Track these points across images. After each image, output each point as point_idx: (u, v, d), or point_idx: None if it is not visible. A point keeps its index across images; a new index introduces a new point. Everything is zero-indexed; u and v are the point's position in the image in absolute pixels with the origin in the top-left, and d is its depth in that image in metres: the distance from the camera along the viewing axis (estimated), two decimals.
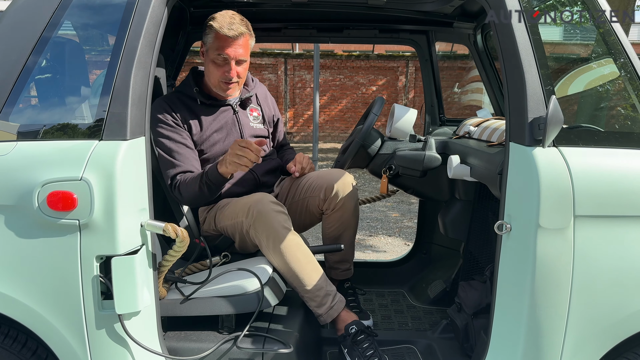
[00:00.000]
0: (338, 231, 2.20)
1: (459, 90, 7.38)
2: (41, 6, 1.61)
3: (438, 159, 2.29)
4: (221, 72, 2.01)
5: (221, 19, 1.96)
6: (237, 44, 1.98)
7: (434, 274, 2.72)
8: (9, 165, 1.49)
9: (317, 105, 11.75)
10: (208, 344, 1.74)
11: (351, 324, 1.91)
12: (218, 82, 2.04)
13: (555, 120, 1.40)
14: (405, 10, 2.42)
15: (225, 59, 1.98)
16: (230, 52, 1.97)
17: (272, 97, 2.39)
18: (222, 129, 2.12)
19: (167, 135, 2.00)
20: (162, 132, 2.00)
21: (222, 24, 1.95)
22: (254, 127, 2.21)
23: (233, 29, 1.95)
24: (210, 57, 2.01)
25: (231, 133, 2.13)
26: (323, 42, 2.86)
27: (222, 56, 1.98)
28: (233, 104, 2.16)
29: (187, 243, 1.60)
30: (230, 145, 1.90)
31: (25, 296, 1.48)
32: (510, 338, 1.55)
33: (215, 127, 2.10)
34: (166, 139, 2.00)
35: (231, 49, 1.97)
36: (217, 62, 2.00)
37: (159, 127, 2.00)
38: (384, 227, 5.72)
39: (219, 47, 1.97)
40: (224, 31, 1.94)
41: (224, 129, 2.12)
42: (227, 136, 2.12)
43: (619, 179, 1.47)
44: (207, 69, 2.06)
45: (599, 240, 1.48)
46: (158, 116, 2.00)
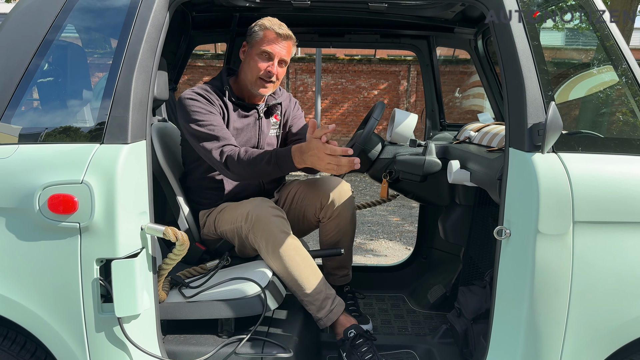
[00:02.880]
0: (335, 238, 2.20)
1: (460, 95, 7.38)
2: (44, 10, 1.62)
3: (438, 163, 2.30)
4: (264, 67, 2.02)
5: (272, 19, 2.06)
6: (284, 45, 2.04)
7: (434, 278, 2.72)
8: (10, 168, 1.50)
9: (318, 108, 11.76)
10: (207, 348, 1.74)
11: (350, 328, 1.91)
12: (256, 77, 2.04)
13: (554, 127, 1.41)
14: (406, 16, 2.43)
15: (270, 55, 2.02)
16: (276, 50, 2.02)
17: (296, 101, 2.38)
18: (243, 131, 2.13)
19: (206, 112, 1.97)
20: (200, 111, 1.97)
21: (273, 23, 2.03)
22: (271, 135, 2.23)
23: (283, 29, 2.03)
24: (254, 52, 2.03)
25: (248, 136, 2.14)
26: (324, 46, 2.87)
27: (268, 51, 2.01)
28: (259, 109, 2.16)
29: (187, 246, 1.60)
30: (316, 148, 1.74)
31: (25, 298, 1.48)
32: (509, 343, 1.55)
33: (237, 125, 2.11)
34: (205, 115, 1.97)
35: (277, 47, 2.02)
36: (262, 57, 2.03)
37: (195, 108, 1.97)
38: (384, 231, 5.72)
39: (267, 43, 2.01)
40: (274, 29, 2.01)
41: (245, 131, 2.13)
42: (244, 137, 2.13)
43: (618, 185, 1.47)
44: (247, 66, 2.06)
45: (598, 246, 1.48)
46: (193, 100, 1.98)
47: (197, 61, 14.32)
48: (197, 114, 1.97)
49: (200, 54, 14.36)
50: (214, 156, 1.94)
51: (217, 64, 14.34)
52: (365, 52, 16.03)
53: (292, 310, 2.08)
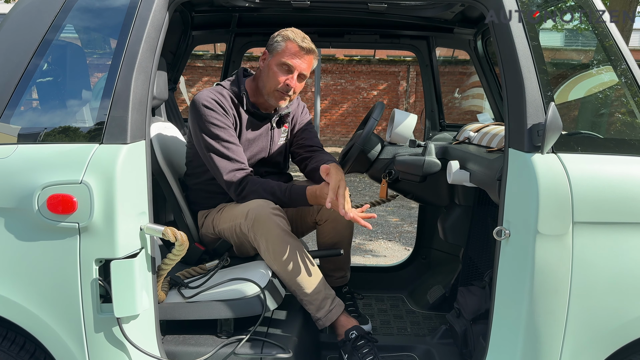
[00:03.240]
0: (332, 241, 2.20)
1: (460, 96, 7.39)
2: (43, 9, 1.62)
3: (438, 164, 2.30)
4: (282, 79, 1.99)
5: (296, 31, 2.02)
6: (305, 59, 2.00)
7: (433, 279, 2.72)
8: (9, 168, 1.49)
9: (318, 109, 11.77)
10: (207, 348, 1.74)
11: (351, 329, 1.91)
12: (274, 89, 2.01)
13: (554, 127, 1.41)
14: (406, 16, 2.43)
15: (290, 68, 1.99)
16: (297, 63, 1.98)
17: (304, 105, 2.37)
18: (255, 141, 2.12)
19: (222, 126, 1.97)
20: (216, 123, 1.96)
21: (297, 35, 1.99)
22: (280, 143, 2.23)
23: (306, 42, 1.99)
24: (274, 62, 2.00)
25: (260, 145, 2.14)
26: (324, 46, 2.87)
27: (288, 64, 1.98)
28: (272, 120, 2.15)
29: (187, 247, 1.60)
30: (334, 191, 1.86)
31: (24, 299, 1.48)
32: (508, 344, 1.55)
33: (250, 136, 2.10)
34: (220, 130, 1.96)
35: (299, 60, 1.99)
36: (281, 69, 1.99)
37: (210, 118, 1.96)
38: (384, 232, 5.72)
39: (288, 55, 1.97)
40: (297, 41, 1.97)
41: (257, 142, 2.13)
42: (255, 147, 2.13)
43: (617, 185, 1.47)
44: (266, 74, 2.02)
45: (598, 247, 1.48)
46: (210, 110, 1.97)
47: (196, 61, 14.33)
48: (213, 127, 1.96)
49: (200, 54, 14.37)
50: (225, 178, 1.97)
51: (217, 64, 14.34)
52: (364, 52, 16.03)
53: (292, 311, 2.08)
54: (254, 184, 1.97)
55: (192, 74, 14.46)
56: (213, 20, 2.67)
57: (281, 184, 1.99)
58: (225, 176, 1.97)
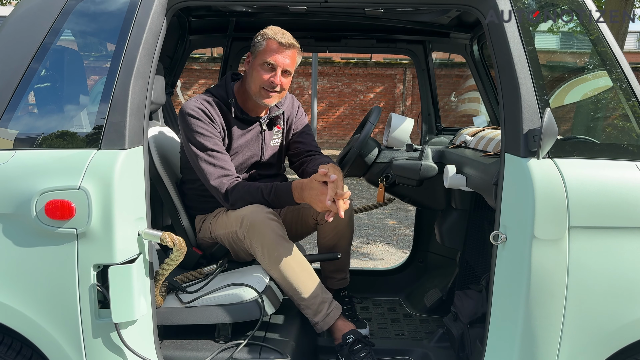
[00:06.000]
0: (333, 241, 2.20)
1: (456, 99, 7.41)
2: (42, 15, 1.62)
3: (434, 168, 2.31)
4: (266, 77, 1.99)
5: (275, 28, 2.02)
6: (287, 54, 2.00)
7: (430, 282, 2.73)
8: (7, 173, 1.49)
9: (315, 112, 11.78)
10: (204, 353, 1.74)
11: (348, 333, 1.91)
12: (260, 88, 2.01)
13: (549, 132, 1.42)
14: (402, 21, 2.44)
15: (273, 66, 1.99)
16: (279, 59, 1.98)
17: (299, 104, 2.35)
18: (246, 147, 2.12)
19: (208, 135, 1.98)
20: (202, 132, 1.97)
21: (276, 32, 1.99)
22: (273, 145, 2.23)
23: (286, 38, 1.99)
24: (257, 62, 2.01)
25: (252, 150, 2.14)
26: (321, 51, 2.88)
27: (270, 62, 1.98)
28: (262, 122, 2.15)
29: (184, 252, 1.60)
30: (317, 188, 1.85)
31: (22, 304, 1.48)
32: (505, 347, 1.56)
33: (241, 142, 2.10)
34: (206, 139, 1.97)
35: (280, 56, 1.98)
36: (264, 68, 2.00)
37: (196, 127, 1.97)
38: (381, 235, 5.73)
39: (269, 53, 1.98)
40: (277, 38, 1.97)
41: (247, 146, 2.13)
42: (247, 151, 2.13)
43: (613, 190, 1.48)
44: (250, 76, 2.03)
45: (594, 251, 1.49)
46: (195, 119, 1.97)
47: (193, 64, 14.32)
48: (198, 136, 1.97)
49: (197, 57, 14.35)
50: (212, 184, 1.98)
51: (214, 67, 14.34)
52: (361, 55, 16.06)
53: (289, 315, 2.08)
54: (238, 190, 1.97)
55: (188, 76, 14.45)
56: (210, 25, 2.67)
57: (267, 185, 1.98)
58: (212, 183, 1.98)
